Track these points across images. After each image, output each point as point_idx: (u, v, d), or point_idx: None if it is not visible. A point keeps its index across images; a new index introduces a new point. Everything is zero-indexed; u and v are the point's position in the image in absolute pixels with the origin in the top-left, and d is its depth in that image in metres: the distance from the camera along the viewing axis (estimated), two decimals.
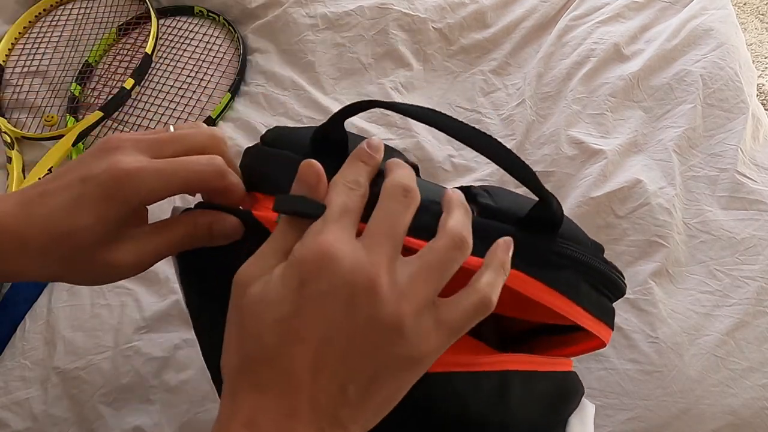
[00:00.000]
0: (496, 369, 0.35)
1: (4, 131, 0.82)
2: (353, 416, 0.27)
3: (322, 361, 0.27)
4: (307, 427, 0.26)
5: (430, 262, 0.29)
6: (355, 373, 0.27)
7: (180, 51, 0.92)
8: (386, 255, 0.28)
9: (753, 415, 0.59)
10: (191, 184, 0.34)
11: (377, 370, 0.27)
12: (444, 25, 0.88)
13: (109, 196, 0.32)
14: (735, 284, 0.65)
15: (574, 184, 0.72)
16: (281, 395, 0.27)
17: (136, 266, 0.34)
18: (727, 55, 0.77)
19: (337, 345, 0.27)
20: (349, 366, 0.27)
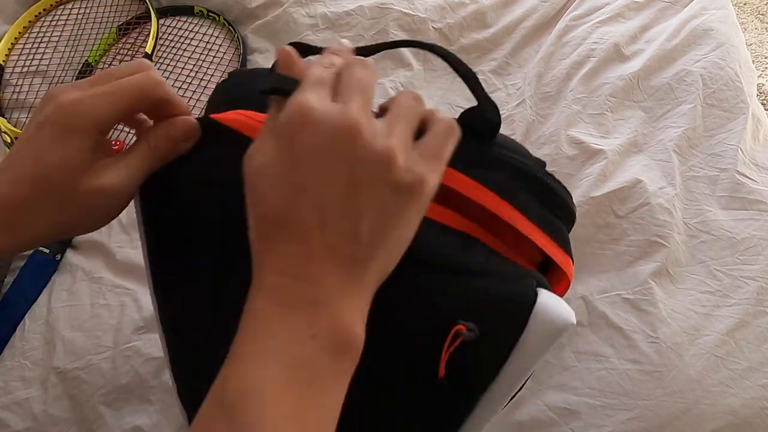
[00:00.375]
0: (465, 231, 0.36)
1: (4, 131, 0.82)
2: (370, 254, 0.30)
3: (326, 205, 0.29)
4: (328, 267, 0.29)
5: (399, 110, 0.32)
6: (360, 211, 0.29)
7: (180, 51, 0.92)
8: (359, 105, 0.30)
9: (753, 415, 0.59)
10: (133, 98, 0.36)
11: (381, 205, 0.29)
12: (444, 25, 0.88)
13: (65, 128, 0.34)
14: (735, 284, 0.65)
15: (574, 184, 0.72)
16: (298, 242, 0.29)
17: (123, 187, 0.36)
18: (727, 55, 0.77)
19: (338, 187, 0.29)
20: (353, 205, 0.29)
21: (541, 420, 0.62)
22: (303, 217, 0.29)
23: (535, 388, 0.64)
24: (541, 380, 0.64)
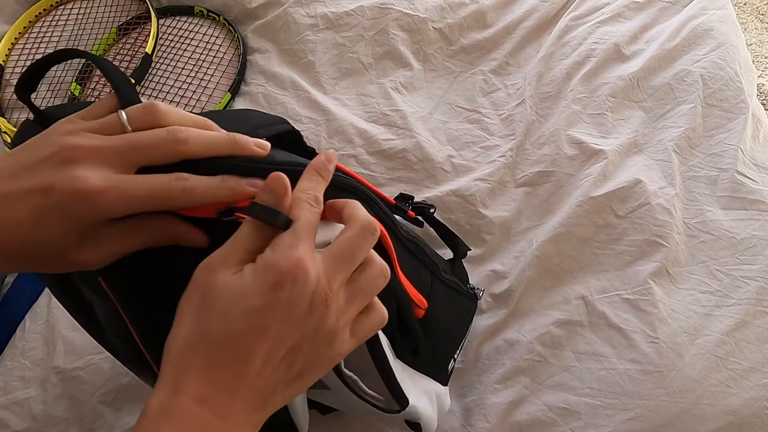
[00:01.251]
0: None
1: (4, 131, 0.82)
2: (284, 397, 0.33)
3: (273, 354, 0.31)
4: (243, 407, 0.31)
5: (364, 291, 0.35)
6: (295, 364, 0.32)
7: (180, 51, 0.92)
8: (341, 278, 0.33)
9: (753, 415, 0.59)
10: (157, 204, 0.34)
11: (310, 365, 0.33)
12: (444, 25, 0.88)
13: (73, 213, 0.33)
14: (735, 284, 0.65)
15: (574, 184, 0.72)
16: (232, 376, 0.30)
17: (101, 262, 0.36)
18: (727, 55, 0.77)
19: (289, 342, 0.32)
20: (292, 359, 0.32)
21: (541, 420, 0.62)
22: (251, 357, 0.31)
23: (535, 388, 0.64)
24: (541, 380, 0.64)
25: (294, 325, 0.31)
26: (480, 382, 0.66)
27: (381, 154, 0.79)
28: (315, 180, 0.36)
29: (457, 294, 0.58)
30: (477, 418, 0.64)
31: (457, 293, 0.58)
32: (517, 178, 0.76)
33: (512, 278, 0.69)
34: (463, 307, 0.60)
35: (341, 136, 0.79)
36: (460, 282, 0.59)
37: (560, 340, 0.65)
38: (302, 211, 0.33)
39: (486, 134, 0.80)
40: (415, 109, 0.83)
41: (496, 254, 0.72)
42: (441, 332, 0.53)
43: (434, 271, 0.53)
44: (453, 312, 0.57)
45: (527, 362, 0.65)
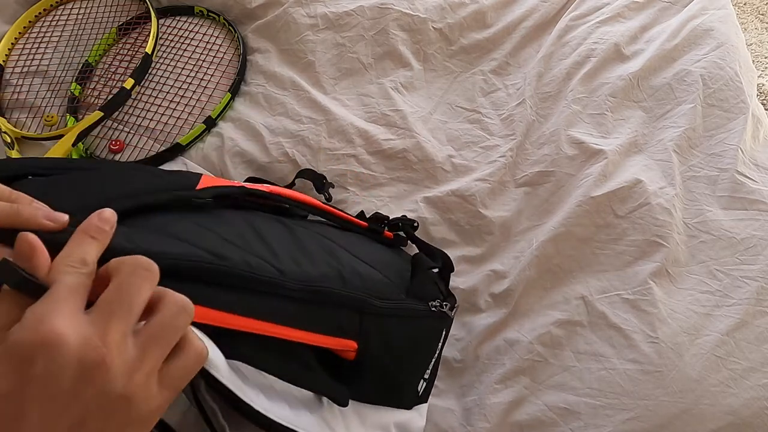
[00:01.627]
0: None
1: (4, 131, 0.82)
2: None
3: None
4: None
5: (161, 335, 0.30)
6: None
7: (180, 51, 0.92)
8: (118, 331, 0.28)
9: (753, 415, 0.59)
10: None
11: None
12: (444, 25, 0.88)
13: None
14: (735, 284, 0.65)
15: (574, 184, 0.72)
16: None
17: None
18: (727, 55, 0.77)
19: (64, 423, 0.27)
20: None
21: (541, 420, 0.62)
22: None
23: (535, 388, 0.64)
24: (541, 380, 0.64)
25: (61, 402, 0.27)
26: (480, 382, 0.66)
27: (381, 154, 0.79)
28: (83, 242, 0.31)
29: (410, 318, 0.55)
30: (477, 418, 0.64)
31: (410, 318, 0.55)
32: (517, 178, 0.76)
33: (512, 278, 0.69)
34: (423, 328, 0.57)
35: (341, 136, 0.79)
36: (417, 303, 0.55)
37: (560, 340, 0.65)
38: (61, 274, 0.29)
39: (486, 134, 0.80)
40: (415, 109, 0.83)
41: (496, 254, 0.72)
42: (389, 363, 0.52)
43: (362, 308, 0.49)
44: (406, 339, 0.54)
45: (527, 362, 0.65)
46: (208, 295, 0.40)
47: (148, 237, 0.41)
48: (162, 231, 0.44)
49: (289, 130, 0.81)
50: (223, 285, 0.41)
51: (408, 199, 0.76)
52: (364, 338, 0.49)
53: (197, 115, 0.85)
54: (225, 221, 0.50)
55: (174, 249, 0.41)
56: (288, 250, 0.50)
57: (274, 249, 0.48)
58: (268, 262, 0.46)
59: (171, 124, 0.85)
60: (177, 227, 0.45)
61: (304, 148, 0.79)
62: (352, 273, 0.51)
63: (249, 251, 0.46)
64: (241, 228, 0.50)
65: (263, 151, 0.80)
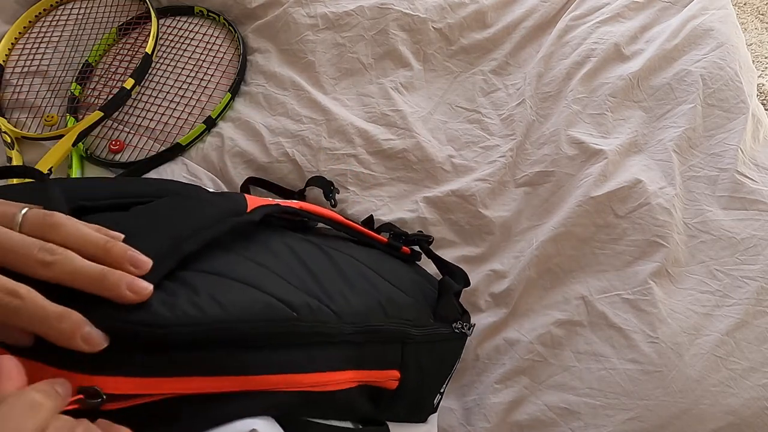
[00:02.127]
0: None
1: (4, 131, 0.82)
2: None
3: None
4: None
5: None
6: None
7: (180, 51, 0.92)
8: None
9: (753, 415, 0.59)
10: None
11: None
12: (444, 25, 0.88)
13: None
14: (735, 284, 0.65)
15: (574, 184, 0.72)
16: None
17: None
18: (727, 55, 0.77)
19: None
20: None
21: (541, 420, 0.62)
22: None
23: (535, 388, 0.64)
24: (541, 380, 0.64)
25: None
26: (480, 382, 0.66)
27: (381, 154, 0.79)
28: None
29: (439, 342, 0.55)
30: (477, 418, 0.64)
31: (438, 341, 0.55)
32: (517, 178, 0.76)
33: (512, 278, 0.69)
34: (448, 349, 0.58)
35: (341, 136, 0.79)
36: (443, 326, 0.56)
37: (560, 340, 0.65)
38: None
39: (486, 134, 0.80)
40: (415, 109, 0.83)
41: (496, 254, 0.72)
42: (419, 385, 0.53)
43: (404, 339, 0.50)
44: (434, 360, 0.55)
45: (527, 362, 0.65)
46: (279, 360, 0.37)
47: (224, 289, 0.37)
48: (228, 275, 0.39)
49: (289, 130, 0.81)
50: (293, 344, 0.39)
51: (408, 199, 0.76)
52: (405, 367, 0.49)
53: (197, 115, 0.85)
54: (269, 249, 0.46)
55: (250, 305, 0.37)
56: (333, 282, 0.47)
57: (322, 283, 0.45)
58: (324, 303, 0.43)
59: (171, 124, 0.85)
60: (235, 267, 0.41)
61: (304, 148, 0.79)
62: (389, 302, 0.51)
63: (305, 290, 0.43)
64: (286, 257, 0.47)
65: (263, 151, 0.80)
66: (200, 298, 0.35)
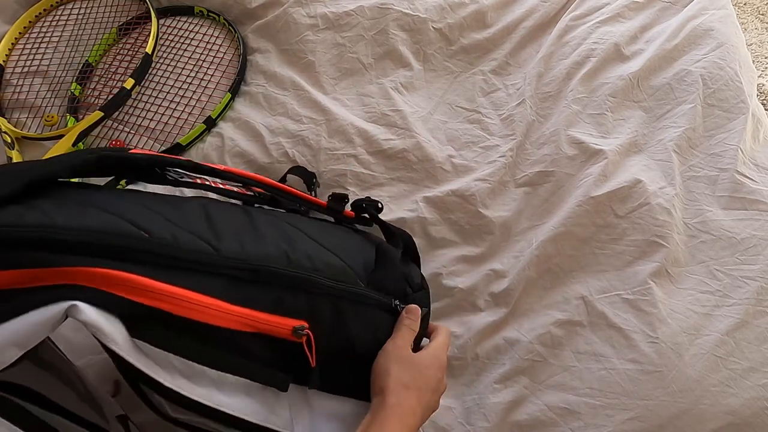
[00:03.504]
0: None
1: (4, 131, 0.82)
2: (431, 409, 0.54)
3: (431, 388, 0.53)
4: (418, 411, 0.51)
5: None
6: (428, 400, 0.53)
7: (180, 51, 0.92)
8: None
9: (753, 415, 0.59)
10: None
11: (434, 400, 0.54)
12: (444, 25, 0.88)
13: None
14: (735, 284, 0.65)
15: (574, 183, 0.72)
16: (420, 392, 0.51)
17: None
18: (727, 55, 0.77)
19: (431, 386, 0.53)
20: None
21: (541, 420, 0.62)
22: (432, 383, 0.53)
23: (535, 388, 0.64)
24: (541, 380, 0.64)
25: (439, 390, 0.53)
26: (479, 381, 0.66)
27: (381, 153, 0.79)
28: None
29: (369, 306, 0.54)
30: (477, 418, 0.64)
31: (369, 306, 0.54)
32: (517, 178, 0.76)
33: (512, 277, 0.69)
34: (387, 321, 0.55)
35: (341, 136, 0.79)
36: (376, 293, 0.54)
37: (560, 340, 0.65)
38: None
39: (486, 134, 0.80)
40: (415, 109, 0.83)
41: (496, 254, 0.72)
42: (346, 349, 0.51)
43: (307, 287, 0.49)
44: (365, 325, 0.53)
45: (527, 362, 0.65)
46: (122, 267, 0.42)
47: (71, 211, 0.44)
48: (90, 204, 0.46)
49: (289, 130, 0.81)
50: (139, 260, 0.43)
51: (408, 198, 0.76)
52: (315, 318, 0.49)
53: (197, 115, 0.85)
54: (171, 202, 0.52)
55: (92, 221, 0.43)
56: (235, 232, 0.50)
57: (217, 229, 0.49)
58: (204, 239, 0.47)
59: (171, 124, 0.85)
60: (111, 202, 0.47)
61: (305, 148, 0.79)
62: (302, 255, 0.51)
63: (184, 228, 0.47)
64: (188, 208, 0.51)
65: (263, 151, 0.80)
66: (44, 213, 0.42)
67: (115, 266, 0.41)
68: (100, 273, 0.41)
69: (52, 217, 0.42)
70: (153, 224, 0.46)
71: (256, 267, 0.47)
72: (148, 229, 0.45)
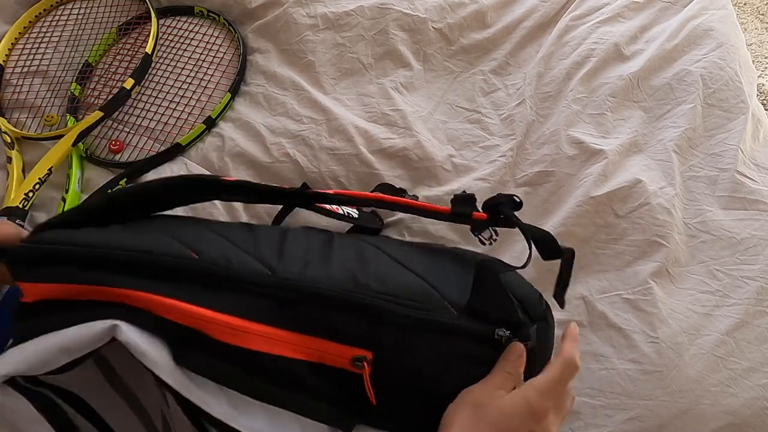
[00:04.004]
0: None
1: (4, 131, 0.82)
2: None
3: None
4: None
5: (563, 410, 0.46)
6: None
7: (180, 51, 0.92)
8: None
9: (753, 415, 0.59)
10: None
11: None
12: (444, 25, 0.88)
13: None
14: (735, 284, 0.65)
15: (574, 183, 0.72)
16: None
17: None
18: (727, 55, 0.77)
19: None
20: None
21: None
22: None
23: None
24: None
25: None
26: None
27: (381, 153, 0.79)
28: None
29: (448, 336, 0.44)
30: None
31: (448, 336, 0.44)
32: (518, 178, 0.76)
33: None
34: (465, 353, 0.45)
35: (342, 136, 0.79)
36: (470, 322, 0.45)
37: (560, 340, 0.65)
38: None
39: (486, 134, 0.80)
40: (415, 109, 0.83)
41: (497, 254, 0.72)
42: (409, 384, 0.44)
43: (375, 312, 0.43)
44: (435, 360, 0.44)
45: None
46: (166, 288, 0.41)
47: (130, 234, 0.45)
48: (154, 229, 0.47)
49: (289, 130, 0.81)
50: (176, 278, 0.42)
51: None
52: (381, 348, 0.42)
53: (197, 115, 0.85)
54: (253, 229, 0.50)
55: (143, 243, 0.44)
56: (303, 254, 0.46)
57: (283, 251, 0.45)
58: (260, 260, 0.44)
59: (171, 124, 0.85)
60: (176, 225, 0.48)
61: (305, 148, 0.79)
62: (372, 277, 0.45)
63: (247, 251, 0.45)
64: (267, 233, 0.49)
65: (264, 151, 0.80)
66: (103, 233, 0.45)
67: (147, 286, 0.41)
68: (135, 294, 0.41)
69: (108, 237, 0.44)
70: (208, 246, 0.45)
71: (311, 289, 0.43)
72: (199, 250, 0.44)
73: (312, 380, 0.42)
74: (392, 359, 0.43)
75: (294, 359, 0.42)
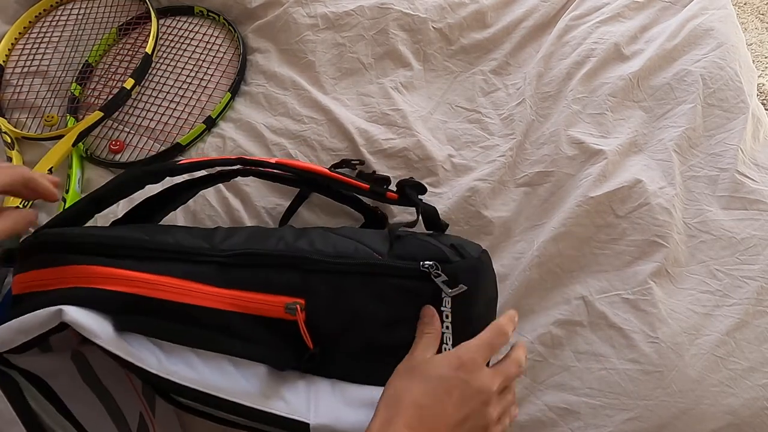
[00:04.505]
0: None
1: (4, 131, 0.82)
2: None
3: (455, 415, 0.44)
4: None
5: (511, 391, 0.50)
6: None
7: (180, 51, 0.92)
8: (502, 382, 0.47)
9: (753, 415, 0.59)
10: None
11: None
12: (444, 25, 0.88)
13: None
14: (735, 284, 0.65)
15: (574, 183, 0.72)
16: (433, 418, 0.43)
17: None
18: (727, 55, 0.77)
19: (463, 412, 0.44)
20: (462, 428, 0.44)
21: (541, 420, 0.62)
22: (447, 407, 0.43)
23: (535, 388, 0.64)
24: (541, 380, 0.64)
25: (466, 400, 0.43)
26: None
27: (381, 153, 0.79)
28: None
29: (379, 276, 0.48)
30: None
31: (379, 275, 0.48)
32: (517, 178, 0.76)
33: (513, 278, 0.69)
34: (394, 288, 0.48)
35: (342, 136, 0.79)
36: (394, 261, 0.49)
37: (560, 340, 0.65)
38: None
39: (486, 134, 0.80)
40: (415, 109, 0.83)
41: (497, 254, 0.72)
42: (357, 329, 0.48)
43: (297, 264, 0.48)
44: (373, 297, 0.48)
45: (527, 362, 0.65)
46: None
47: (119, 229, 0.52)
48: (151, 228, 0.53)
49: (290, 130, 0.81)
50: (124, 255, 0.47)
51: None
52: (312, 294, 0.47)
53: (197, 115, 0.85)
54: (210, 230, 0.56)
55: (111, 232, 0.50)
56: (245, 238, 0.52)
57: (228, 237, 0.52)
58: (203, 239, 0.51)
59: (171, 124, 0.85)
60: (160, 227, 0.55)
61: (306, 148, 0.79)
62: (305, 243, 0.51)
63: (190, 235, 0.52)
64: (219, 230, 0.55)
65: (265, 151, 0.80)
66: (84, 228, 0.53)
67: (105, 263, 0.46)
68: (85, 269, 0.46)
69: (86, 230, 0.51)
70: (164, 236, 0.50)
71: (243, 252, 0.49)
72: (154, 239, 0.49)
73: (254, 331, 0.46)
74: (326, 304, 0.47)
75: (233, 312, 0.46)
